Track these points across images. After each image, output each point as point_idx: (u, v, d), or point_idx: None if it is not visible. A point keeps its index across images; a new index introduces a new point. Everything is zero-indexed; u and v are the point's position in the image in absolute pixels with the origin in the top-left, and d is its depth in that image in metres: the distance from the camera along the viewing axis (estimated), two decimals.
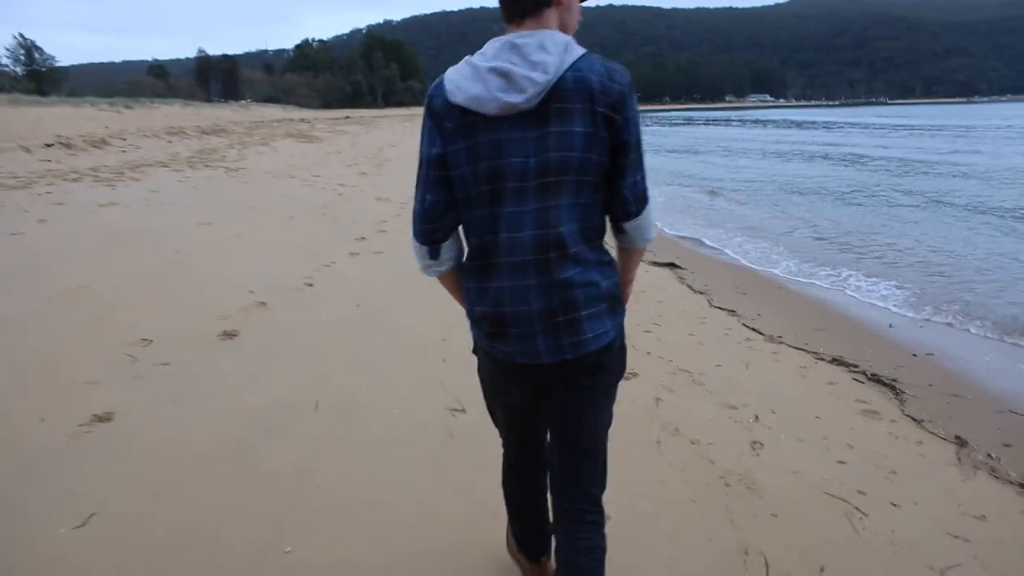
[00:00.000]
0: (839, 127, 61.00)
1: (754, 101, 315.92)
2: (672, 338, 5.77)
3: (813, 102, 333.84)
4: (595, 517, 2.15)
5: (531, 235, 1.81)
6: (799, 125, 67.91)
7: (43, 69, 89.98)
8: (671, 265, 8.73)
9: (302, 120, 55.76)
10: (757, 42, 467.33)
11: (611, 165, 1.83)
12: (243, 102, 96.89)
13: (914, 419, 4.44)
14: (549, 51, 1.77)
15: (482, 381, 2.24)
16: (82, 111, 27.42)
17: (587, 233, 1.87)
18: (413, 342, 5.25)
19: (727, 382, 4.84)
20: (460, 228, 1.96)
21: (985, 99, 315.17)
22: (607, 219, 1.94)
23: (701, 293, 7.46)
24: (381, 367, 4.81)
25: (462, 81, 1.81)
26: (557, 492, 2.18)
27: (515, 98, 1.75)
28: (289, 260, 7.60)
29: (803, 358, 5.56)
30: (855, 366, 5.38)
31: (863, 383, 5.08)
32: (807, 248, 10.44)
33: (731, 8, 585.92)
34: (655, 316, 6.37)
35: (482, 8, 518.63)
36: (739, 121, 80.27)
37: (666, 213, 13.63)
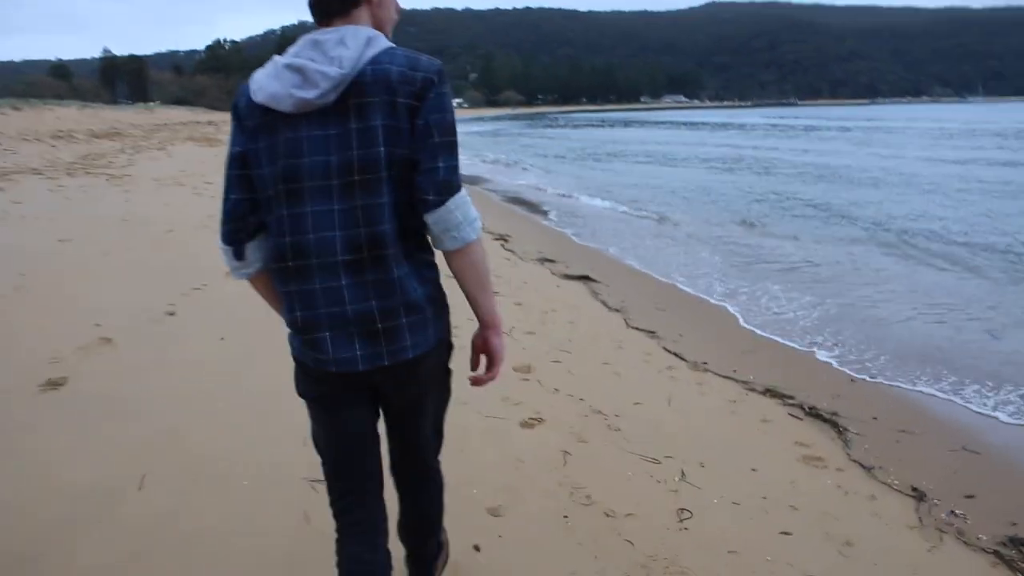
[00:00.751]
0: (730, 128, 61.68)
1: (669, 102, 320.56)
2: (585, 369, 5.08)
3: (726, 103, 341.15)
4: (432, 475, 2.30)
5: (342, 235, 1.75)
6: (691, 126, 68.49)
7: None
8: (585, 278, 8.03)
9: (209, 123, 53.66)
10: (673, 45, 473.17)
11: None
12: (150, 104, 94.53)
13: (863, 466, 3.87)
14: (348, 45, 1.73)
15: (302, 396, 2.00)
16: None
17: (406, 233, 1.80)
18: (281, 385, 4.42)
19: (648, 426, 4.17)
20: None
21: (887, 101, 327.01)
22: None
23: (617, 311, 6.79)
24: (238, 420, 3.97)
25: (264, 80, 1.78)
26: (394, 469, 2.25)
27: (308, 93, 1.70)
28: (155, 282, 6.67)
29: (732, 389, 4.95)
30: (790, 397, 4.80)
31: (800, 419, 4.50)
32: (722, 261, 9.91)
33: (646, 12, 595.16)
34: (565, 341, 5.68)
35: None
36: (636, 123, 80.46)
37: (589, 223, 12.93)
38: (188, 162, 18.23)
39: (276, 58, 1.81)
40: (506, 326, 5.86)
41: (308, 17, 1.88)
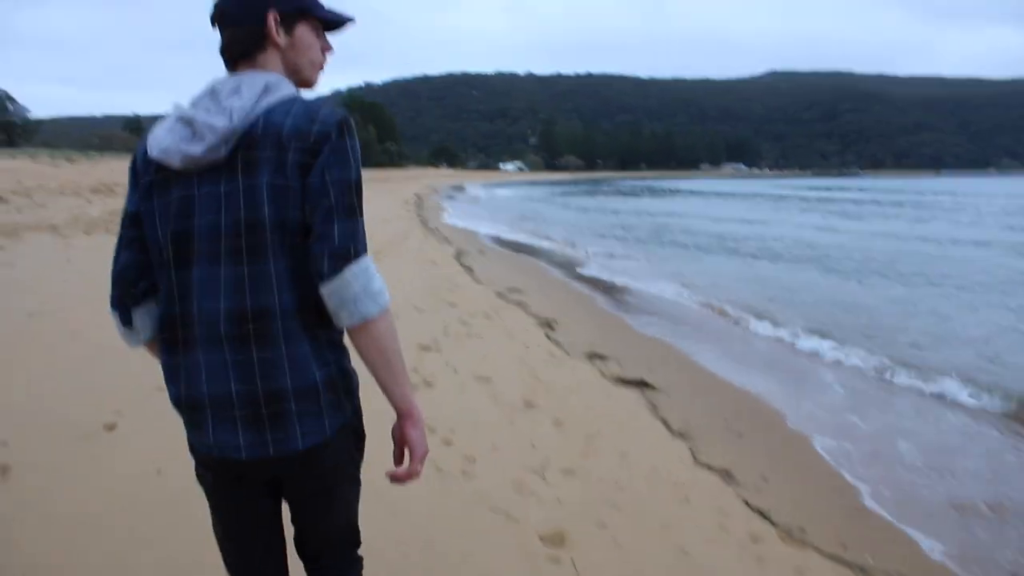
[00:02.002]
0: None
1: (728, 170, 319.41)
2: (638, 540, 3.70)
3: (786, 171, 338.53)
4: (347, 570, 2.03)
5: (226, 306, 1.60)
6: (750, 198, 66.84)
7: (16, 121, 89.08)
8: (642, 384, 6.65)
9: None
10: (732, 113, 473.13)
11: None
12: None
13: None
14: (242, 94, 1.60)
15: (207, 497, 1.85)
16: (17, 163, 25.37)
17: (304, 306, 1.64)
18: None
19: None
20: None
21: (953, 172, 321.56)
22: None
23: (682, 436, 5.39)
24: None
25: (159, 133, 1.64)
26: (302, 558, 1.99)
27: (195, 148, 1.58)
28: (116, 376, 5.49)
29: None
30: None
31: None
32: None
33: (707, 79, 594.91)
34: (613, 488, 4.30)
35: (463, 73, 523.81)
36: (700, 193, 79.22)
37: (653, 308, 11.51)
38: None
39: (174, 110, 1.67)
40: (539, 460, 4.56)
41: (374, 78, 1.84)
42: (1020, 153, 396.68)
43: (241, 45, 1.69)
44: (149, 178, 1.67)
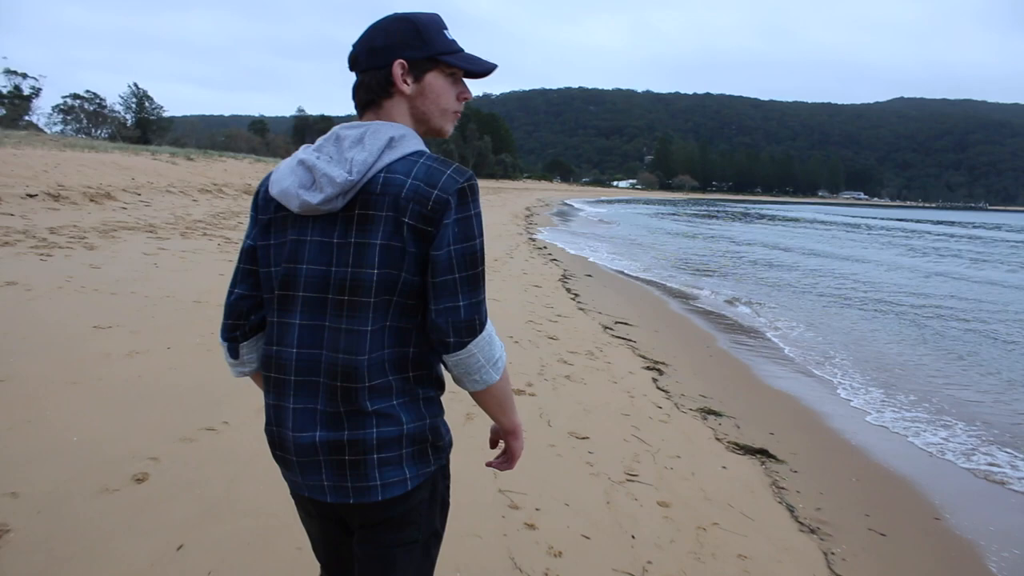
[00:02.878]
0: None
1: (847, 198, 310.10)
2: None
3: (909, 203, 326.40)
4: None
5: (326, 356, 1.62)
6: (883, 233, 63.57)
7: (152, 118, 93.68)
8: (763, 454, 5.69)
9: None
10: (855, 139, 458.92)
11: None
12: None
13: None
14: (366, 147, 1.60)
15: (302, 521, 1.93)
16: (137, 160, 25.81)
17: (402, 363, 1.66)
18: None
19: None
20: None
21: None
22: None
23: (814, 532, 4.42)
24: None
25: (282, 172, 1.68)
26: None
27: (313, 197, 1.59)
28: (165, 411, 4.87)
29: None
30: None
31: None
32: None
33: (830, 103, 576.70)
34: None
35: (580, 88, 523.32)
36: (825, 224, 76.15)
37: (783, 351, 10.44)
38: None
39: (299, 151, 1.71)
40: (639, 561, 3.71)
41: (492, 90, 2.07)
42: None
43: (369, 92, 1.70)
44: (268, 216, 1.71)
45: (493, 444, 1.97)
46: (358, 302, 1.60)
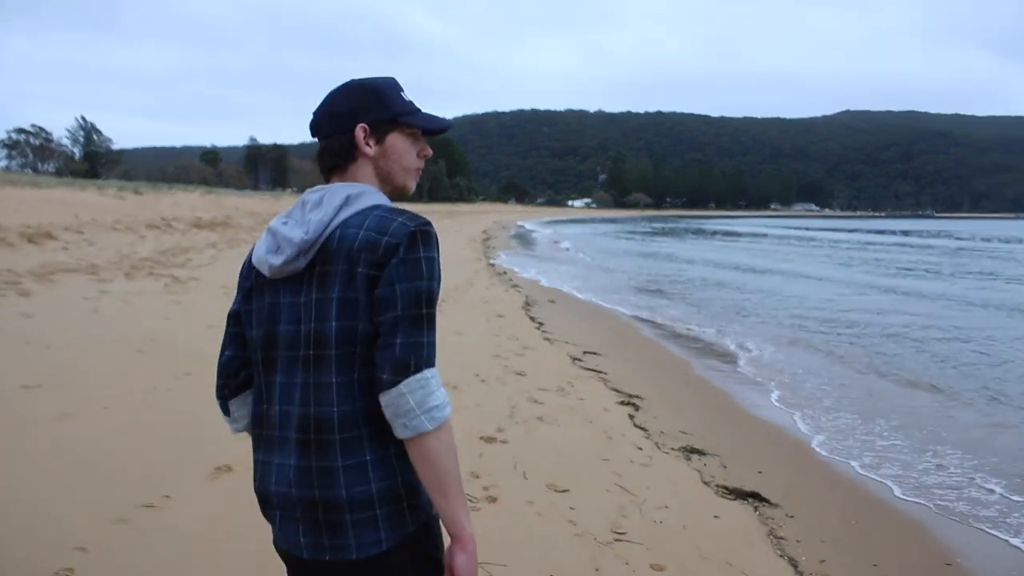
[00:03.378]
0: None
1: (799, 210, 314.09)
2: None
3: (859, 212, 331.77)
4: None
5: (298, 411, 1.66)
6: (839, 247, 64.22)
7: (100, 151, 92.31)
8: (755, 497, 5.31)
9: None
10: (804, 152, 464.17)
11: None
12: (287, 191, 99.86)
13: None
14: (323, 207, 1.68)
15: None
16: (83, 195, 25.00)
17: (372, 415, 1.64)
18: None
19: None
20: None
21: None
22: None
23: None
24: None
25: (260, 241, 1.77)
26: None
27: (276, 260, 1.68)
28: (100, 482, 4.37)
29: None
30: None
31: None
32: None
33: (779, 118, 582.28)
34: None
35: (532, 110, 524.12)
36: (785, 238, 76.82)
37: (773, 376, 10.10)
38: None
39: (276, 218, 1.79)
40: None
41: (445, 114, 1.86)
42: None
43: (333, 157, 1.76)
44: (249, 283, 1.80)
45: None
46: (322, 355, 1.63)
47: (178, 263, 14.44)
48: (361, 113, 1.75)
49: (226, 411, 1.90)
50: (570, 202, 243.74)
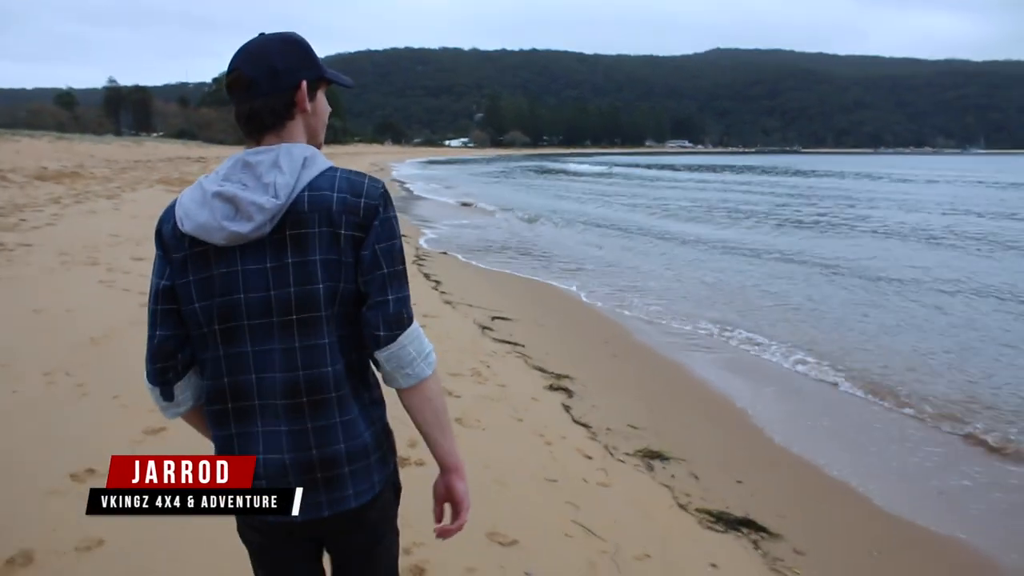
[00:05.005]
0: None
1: (673, 147, 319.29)
2: None
3: (730, 148, 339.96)
4: None
5: (282, 377, 1.65)
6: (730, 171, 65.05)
7: None
8: (748, 526, 4.19)
9: (199, 159, 49.95)
10: (676, 90, 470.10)
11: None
12: (152, 135, 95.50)
13: None
14: (283, 170, 1.61)
15: (244, 542, 1.85)
16: None
17: (352, 371, 1.70)
18: None
19: None
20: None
21: (890, 151, 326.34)
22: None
23: None
24: None
25: (191, 207, 1.64)
26: None
27: (242, 227, 1.59)
28: None
29: None
30: None
31: None
32: None
33: (652, 56, 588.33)
34: None
35: (407, 48, 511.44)
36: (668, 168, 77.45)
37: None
38: (135, 219, 14.21)
39: (203, 182, 1.68)
40: None
41: (317, 52, 1.75)
42: (954, 133, 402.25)
43: (272, 116, 1.67)
44: (183, 253, 1.67)
45: (439, 515, 1.86)
46: (310, 318, 1.62)
47: (7, 225, 12.11)
48: (300, 71, 1.69)
49: (168, 396, 1.75)
50: (447, 142, 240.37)
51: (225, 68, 1.71)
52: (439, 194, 34.36)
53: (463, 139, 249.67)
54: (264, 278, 1.61)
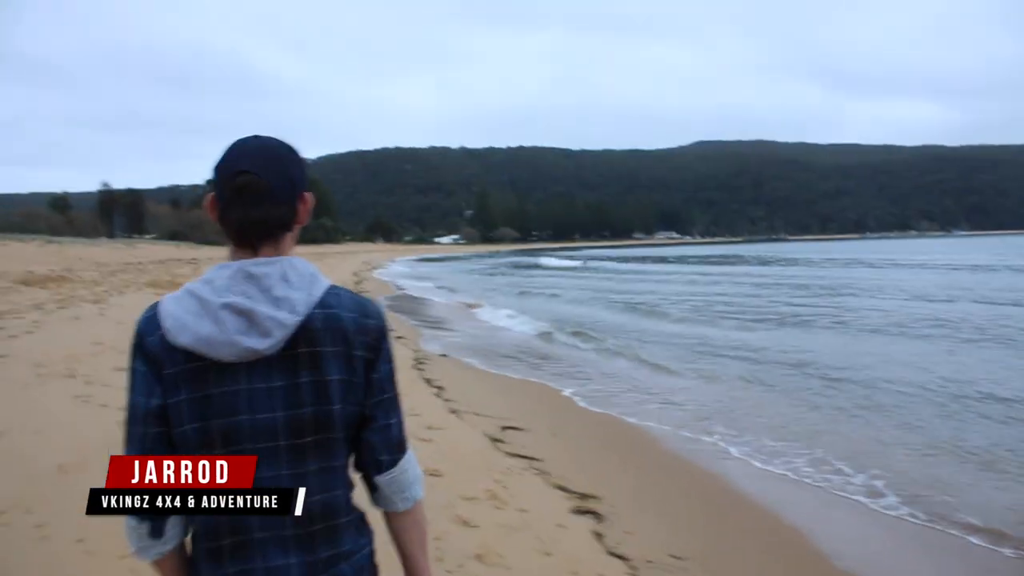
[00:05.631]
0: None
1: (662, 238, 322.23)
2: None
3: (718, 238, 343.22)
4: None
5: None
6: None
7: None
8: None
9: (191, 260, 49.65)
10: (662, 182, 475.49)
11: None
12: (146, 237, 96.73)
13: None
14: (293, 284, 1.55)
15: None
16: None
17: (350, 495, 1.66)
18: None
19: None
20: None
21: (876, 235, 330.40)
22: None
23: None
24: None
25: (187, 317, 1.50)
26: None
27: (258, 343, 1.48)
28: None
29: None
30: None
31: None
32: None
33: (636, 150, 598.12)
34: None
35: (396, 147, 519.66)
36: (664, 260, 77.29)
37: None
38: (120, 325, 13.56)
39: (196, 290, 1.52)
40: None
41: (309, 154, 1.72)
42: (936, 215, 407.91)
43: (281, 226, 1.60)
44: (177, 368, 1.51)
45: None
46: (327, 440, 1.56)
47: None
48: (304, 181, 1.65)
49: (158, 532, 1.55)
50: (437, 239, 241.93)
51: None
52: (433, 293, 33.84)
53: (453, 236, 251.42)
54: (272, 398, 1.51)
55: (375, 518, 1.73)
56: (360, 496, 1.70)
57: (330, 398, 1.54)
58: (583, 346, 16.07)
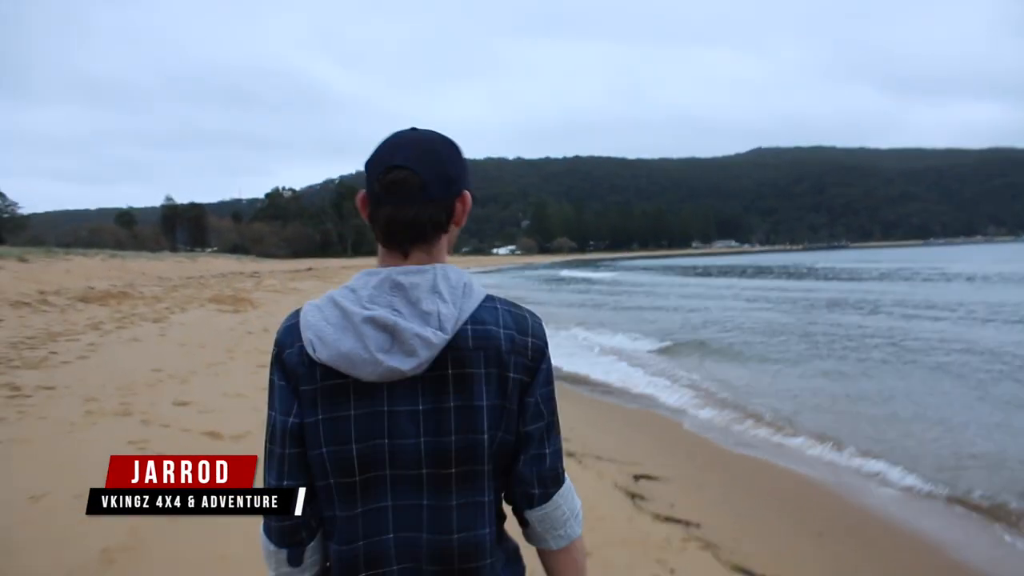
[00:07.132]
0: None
1: (720, 247, 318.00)
2: None
3: (777, 247, 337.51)
4: None
5: (430, 540, 1.39)
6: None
7: (3, 216, 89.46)
8: None
9: (253, 274, 49.12)
10: (720, 190, 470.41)
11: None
12: (207, 250, 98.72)
13: None
14: (445, 297, 1.39)
15: None
16: None
17: (501, 532, 1.50)
18: None
19: None
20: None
21: (941, 241, 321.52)
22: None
23: None
24: None
25: (327, 331, 1.36)
26: None
27: (402, 363, 1.33)
28: None
29: None
30: None
31: None
32: None
33: (693, 158, 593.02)
34: None
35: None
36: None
37: None
38: (182, 347, 12.48)
39: (339, 299, 1.38)
40: None
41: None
42: (1006, 220, 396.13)
43: (435, 226, 1.43)
44: (315, 385, 1.39)
45: None
46: (471, 472, 1.40)
47: (32, 361, 10.24)
48: (464, 180, 1.48)
49: (297, 560, 1.44)
50: (494, 250, 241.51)
51: (275, 185, 1.22)
52: None
53: (510, 247, 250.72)
54: (416, 423, 1.38)
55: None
56: (513, 527, 1.49)
57: (479, 426, 1.39)
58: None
